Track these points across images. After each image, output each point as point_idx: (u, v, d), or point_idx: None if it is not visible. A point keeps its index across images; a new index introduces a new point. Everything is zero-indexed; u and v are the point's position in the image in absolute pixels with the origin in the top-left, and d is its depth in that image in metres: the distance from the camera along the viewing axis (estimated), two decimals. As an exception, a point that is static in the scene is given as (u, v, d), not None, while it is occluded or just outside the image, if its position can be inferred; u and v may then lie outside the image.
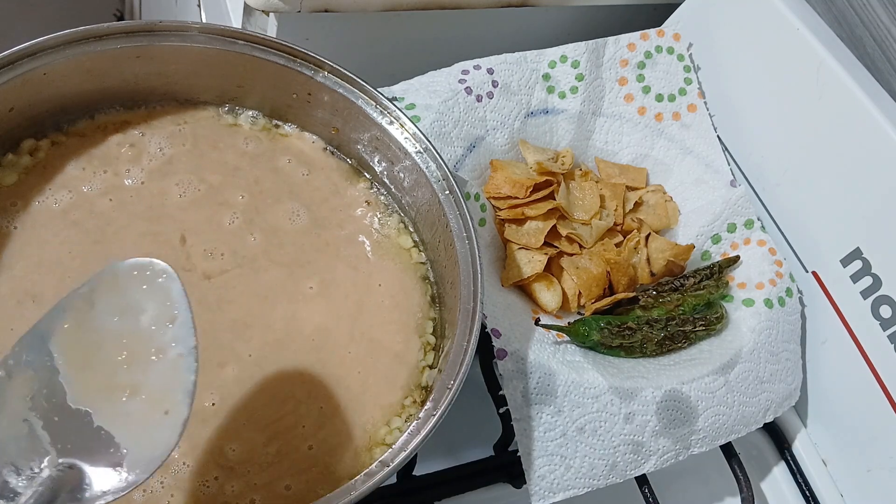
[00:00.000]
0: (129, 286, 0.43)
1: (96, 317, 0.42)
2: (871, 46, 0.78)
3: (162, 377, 0.42)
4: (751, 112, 0.82)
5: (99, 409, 0.41)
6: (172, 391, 0.41)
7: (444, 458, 0.67)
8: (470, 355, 0.51)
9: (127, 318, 0.43)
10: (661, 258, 0.77)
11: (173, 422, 0.41)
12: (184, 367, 0.42)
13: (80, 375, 0.41)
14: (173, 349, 0.42)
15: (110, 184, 0.58)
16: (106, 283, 0.43)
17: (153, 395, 0.42)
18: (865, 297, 0.72)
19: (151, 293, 0.43)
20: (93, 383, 0.41)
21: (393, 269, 0.62)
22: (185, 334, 0.42)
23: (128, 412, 0.41)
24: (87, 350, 0.42)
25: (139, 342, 0.42)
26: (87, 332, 0.42)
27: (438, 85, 0.74)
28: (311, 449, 0.53)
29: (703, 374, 0.69)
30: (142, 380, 0.42)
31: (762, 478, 0.81)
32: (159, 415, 0.41)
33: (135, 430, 0.41)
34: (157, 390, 0.42)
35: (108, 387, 0.41)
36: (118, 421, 0.41)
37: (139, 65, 0.58)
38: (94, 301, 0.43)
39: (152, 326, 0.42)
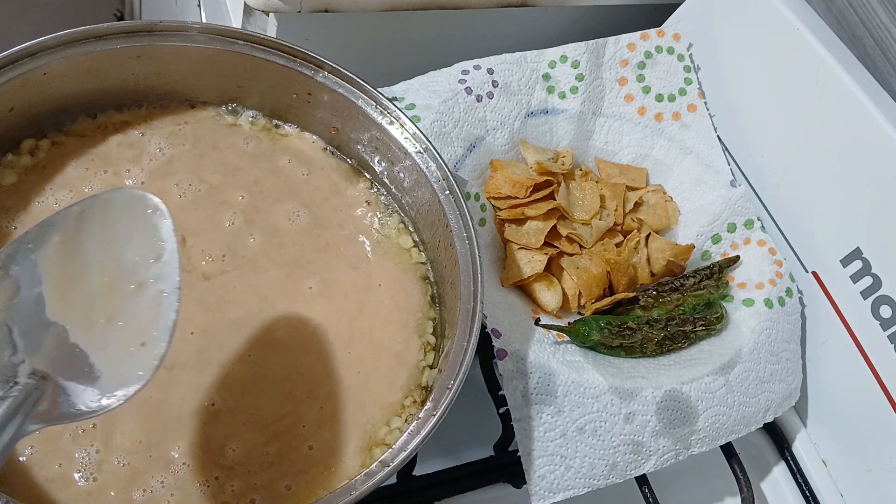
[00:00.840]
0: (121, 215, 0.43)
1: (83, 239, 0.42)
2: (871, 46, 0.78)
3: (141, 310, 0.41)
4: (751, 112, 0.82)
5: (75, 326, 0.41)
6: (151, 325, 0.41)
7: (444, 458, 0.67)
8: (470, 355, 0.52)
9: (113, 245, 0.42)
10: (661, 258, 0.77)
11: (149, 354, 0.40)
12: (165, 304, 0.41)
13: (60, 291, 0.41)
14: (154, 285, 0.42)
15: (111, 184, 0.58)
16: (98, 208, 0.43)
17: (131, 325, 0.41)
18: (865, 297, 0.72)
19: (141, 226, 0.42)
20: (72, 302, 0.41)
21: (393, 269, 0.62)
22: (170, 272, 0.42)
23: (104, 337, 0.41)
24: (70, 269, 0.42)
25: (121, 272, 0.42)
26: (72, 252, 0.42)
27: (438, 85, 0.74)
28: (311, 449, 0.53)
29: (703, 374, 0.69)
30: (120, 309, 0.41)
31: (762, 478, 0.81)
32: (135, 346, 0.41)
33: (110, 356, 0.41)
34: (136, 322, 0.41)
35: (86, 309, 0.41)
36: (94, 343, 0.41)
37: (139, 65, 0.58)
38: (83, 223, 0.42)
39: (136, 259, 0.42)
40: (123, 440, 0.50)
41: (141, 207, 0.43)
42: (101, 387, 0.40)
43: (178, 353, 0.54)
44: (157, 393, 0.52)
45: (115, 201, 0.43)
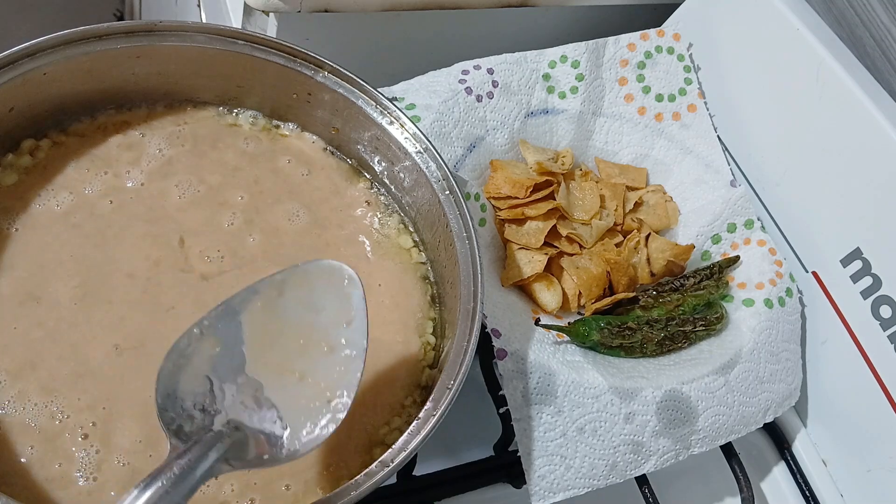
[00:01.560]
0: (317, 283, 0.48)
1: (284, 304, 0.47)
2: (871, 46, 0.78)
3: (330, 370, 0.46)
4: (751, 112, 0.82)
5: (270, 383, 0.45)
6: (338, 384, 0.46)
7: (444, 458, 0.67)
8: (470, 355, 0.51)
9: (309, 311, 0.47)
10: (661, 258, 0.77)
11: (333, 409, 0.45)
12: (352, 364, 0.46)
13: (259, 350, 0.45)
14: (343, 347, 0.46)
15: (110, 185, 0.58)
16: (298, 277, 0.48)
17: (319, 383, 0.46)
18: (865, 297, 0.72)
19: (335, 294, 0.47)
20: (268, 360, 0.46)
21: (393, 269, 0.62)
22: (359, 337, 0.47)
23: (294, 393, 0.45)
24: (270, 331, 0.46)
25: (315, 334, 0.47)
26: (273, 316, 0.46)
27: (438, 85, 0.74)
28: (311, 449, 0.53)
29: (703, 374, 0.69)
30: (311, 368, 0.46)
31: (762, 478, 0.81)
32: (322, 401, 0.45)
33: (297, 410, 0.45)
34: (324, 380, 0.46)
35: (281, 366, 0.46)
36: (285, 398, 0.45)
37: (139, 65, 0.58)
38: (285, 290, 0.47)
39: (330, 324, 0.47)
40: (123, 440, 0.50)
41: (337, 276, 0.48)
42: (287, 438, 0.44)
43: (179, 354, 0.54)
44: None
45: (315, 270, 0.48)
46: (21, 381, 0.50)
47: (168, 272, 0.56)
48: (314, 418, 0.45)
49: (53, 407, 0.50)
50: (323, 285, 0.47)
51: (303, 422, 0.45)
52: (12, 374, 0.50)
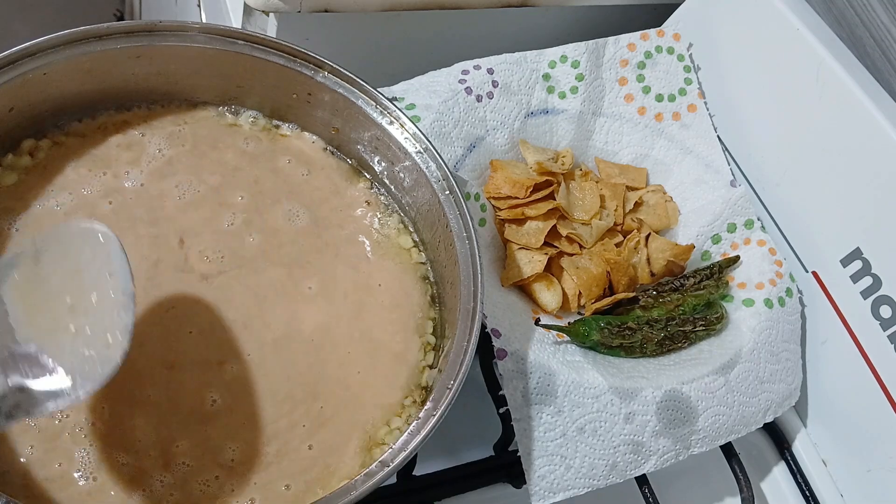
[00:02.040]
0: (73, 244, 0.48)
1: (43, 270, 0.48)
2: (871, 46, 0.78)
3: (103, 318, 0.46)
4: (751, 112, 0.82)
5: (45, 345, 0.45)
6: (112, 328, 0.46)
7: (444, 458, 0.67)
8: (470, 355, 0.52)
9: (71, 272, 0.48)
10: (661, 258, 0.77)
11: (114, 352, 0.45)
12: (123, 308, 0.46)
13: (27, 318, 0.46)
14: (112, 296, 0.47)
15: (110, 186, 0.58)
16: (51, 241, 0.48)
17: (95, 332, 0.46)
18: (865, 297, 0.72)
19: (93, 251, 0.48)
20: (39, 325, 0.46)
21: (393, 269, 0.62)
22: (124, 283, 0.47)
23: (73, 348, 0.46)
24: (34, 298, 0.47)
25: (82, 290, 0.47)
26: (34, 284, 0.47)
27: (438, 85, 0.74)
28: (311, 449, 0.53)
29: (703, 374, 0.69)
30: (85, 321, 0.46)
31: (762, 478, 0.81)
32: (101, 348, 0.46)
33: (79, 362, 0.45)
34: (99, 329, 0.46)
35: (53, 327, 0.46)
36: (64, 355, 0.45)
37: (139, 65, 0.58)
38: (41, 256, 0.48)
39: (94, 278, 0.47)
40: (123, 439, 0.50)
41: (91, 234, 0.48)
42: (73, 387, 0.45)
43: (177, 353, 0.54)
44: (157, 392, 0.52)
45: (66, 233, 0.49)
46: (21, 381, 0.50)
47: (168, 272, 0.56)
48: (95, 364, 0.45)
49: (53, 407, 0.50)
50: (78, 245, 0.48)
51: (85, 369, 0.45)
52: (12, 374, 0.50)
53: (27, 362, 0.45)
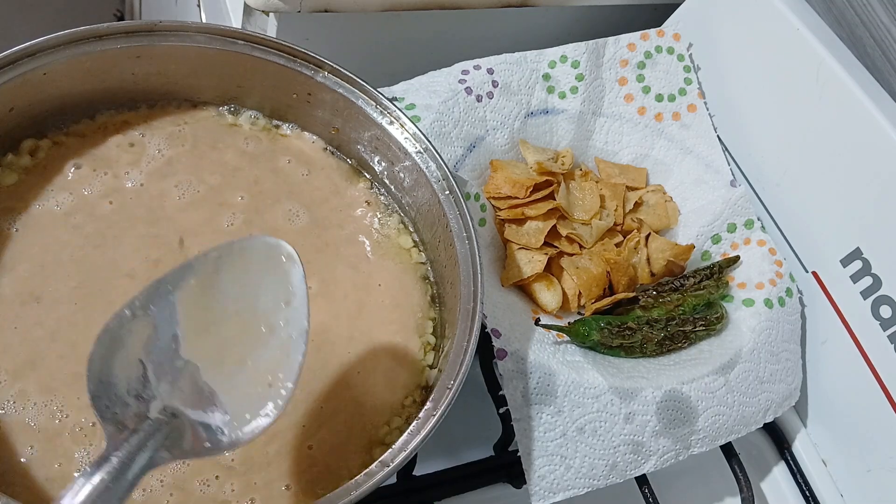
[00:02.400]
0: (255, 261, 0.45)
1: (220, 282, 0.44)
2: (871, 46, 0.78)
3: (270, 353, 0.44)
4: (751, 112, 0.82)
5: (207, 367, 0.42)
6: (279, 367, 0.43)
7: (444, 458, 0.67)
8: (470, 355, 0.51)
9: (247, 290, 0.45)
10: (661, 258, 0.77)
11: (275, 395, 0.43)
12: (293, 347, 0.44)
13: (194, 332, 0.43)
14: (283, 329, 0.44)
15: (110, 186, 0.58)
16: (234, 254, 0.45)
17: (259, 367, 0.43)
18: (865, 297, 0.72)
19: (273, 272, 0.45)
20: (205, 342, 0.43)
21: (393, 269, 0.62)
22: (299, 317, 0.44)
23: (233, 377, 0.43)
24: (205, 311, 0.44)
25: (254, 315, 0.44)
26: (209, 295, 0.44)
27: (438, 85, 0.74)
28: (310, 449, 0.53)
29: (703, 374, 0.69)
30: (250, 351, 0.44)
31: (762, 478, 0.81)
32: (263, 387, 0.43)
33: (237, 396, 0.42)
34: (264, 364, 0.43)
35: (218, 349, 0.43)
36: (223, 382, 0.42)
37: (139, 65, 0.58)
38: (221, 268, 0.44)
39: (269, 303, 0.44)
40: (123, 440, 0.50)
41: (275, 254, 0.45)
42: (228, 426, 0.42)
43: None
44: (158, 393, 0.52)
45: (251, 247, 0.45)
46: (21, 381, 0.50)
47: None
48: (256, 404, 0.43)
49: (53, 406, 0.50)
50: (260, 263, 0.45)
51: (244, 408, 0.42)
52: (12, 374, 0.50)
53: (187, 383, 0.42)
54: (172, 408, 0.41)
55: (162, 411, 0.41)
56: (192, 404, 0.42)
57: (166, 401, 0.41)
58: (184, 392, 0.42)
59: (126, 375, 0.41)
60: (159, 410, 0.41)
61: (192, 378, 0.42)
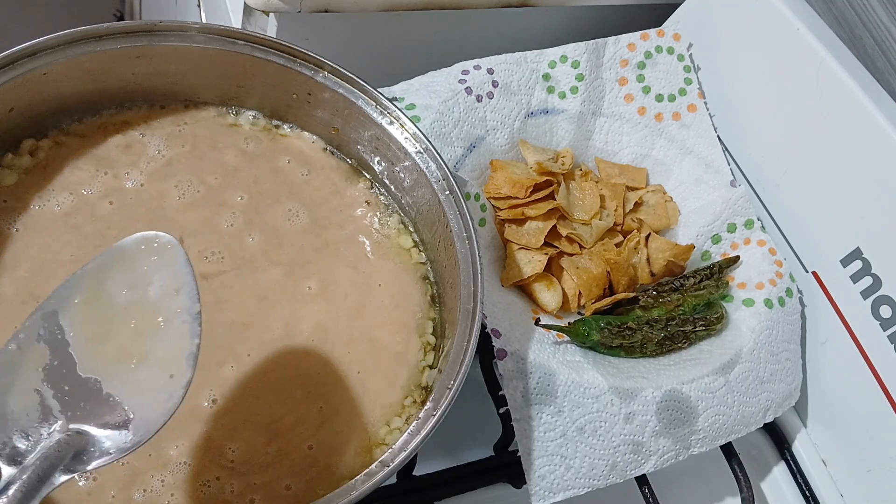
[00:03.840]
0: (137, 259, 0.45)
1: (106, 290, 0.44)
2: (871, 46, 0.78)
3: (168, 343, 0.44)
4: (751, 112, 0.82)
5: (108, 376, 0.43)
6: (177, 355, 0.43)
7: (444, 458, 0.67)
8: (470, 355, 0.51)
9: (136, 289, 0.44)
10: (661, 258, 0.77)
11: (177, 384, 0.43)
12: (188, 332, 0.44)
13: (90, 346, 0.43)
14: (178, 316, 0.44)
15: (110, 186, 0.58)
16: (115, 259, 0.45)
17: (160, 360, 0.43)
18: (865, 297, 0.72)
19: (158, 264, 0.45)
20: (103, 353, 0.43)
21: (393, 269, 0.62)
22: (190, 302, 0.44)
23: (136, 378, 0.43)
24: (98, 322, 0.44)
25: (147, 311, 0.44)
26: (98, 306, 0.44)
27: (438, 85, 0.74)
28: (311, 449, 0.53)
29: (703, 374, 0.69)
30: (149, 347, 0.44)
31: (762, 478, 0.81)
32: (165, 378, 0.43)
33: (142, 395, 0.43)
34: (164, 355, 0.43)
35: (117, 355, 0.43)
36: (127, 387, 0.43)
37: (139, 65, 0.58)
38: (104, 276, 0.44)
39: (159, 296, 0.44)
40: (123, 440, 0.50)
41: (155, 246, 0.45)
42: (133, 427, 0.42)
43: (178, 354, 0.54)
44: (157, 393, 0.52)
45: (130, 246, 0.45)
46: (21, 381, 0.50)
47: (168, 272, 0.56)
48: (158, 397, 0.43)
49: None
50: (143, 258, 0.45)
51: (148, 404, 0.42)
52: (12, 374, 0.50)
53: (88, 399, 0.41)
54: (77, 427, 0.41)
55: (66, 431, 0.41)
56: (96, 418, 0.42)
57: (71, 422, 0.41)
58: (87, 409, 0.42)
59: (24, 408, 0.41)
60: (63, 431, 0.41)
61: (95, 392, 0.42)
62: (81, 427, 0.41)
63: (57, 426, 0.41)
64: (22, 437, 0.40)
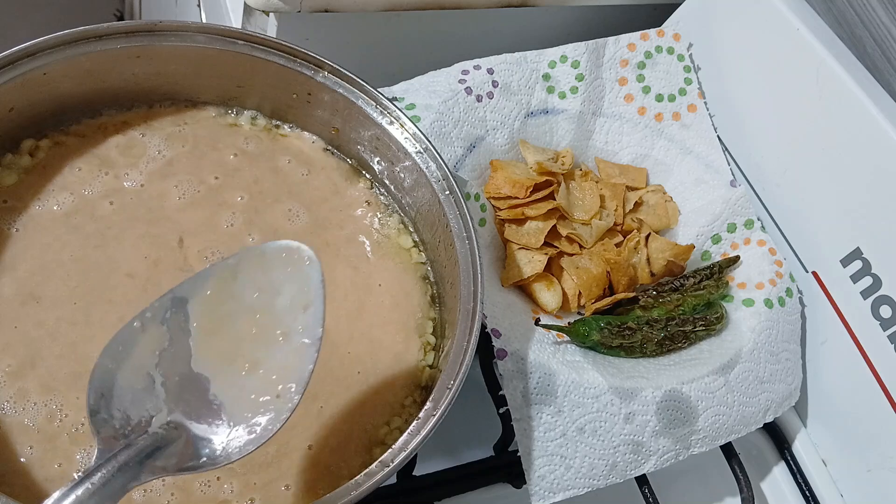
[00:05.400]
0: (274, 266, 0.44)
1: (237, 289, 0.43)
2: (871, 46, 0.78)
3: (283, 359, 0.43)
4: (751, 112, 0.82)
5: (217, 377, 0.42)
6: (289, 375, 0.42)
7: (444, 458, 0.67)
8: (470, 355, 0.51)
9: (264, 295, 0.44)
10: (661, 258, 0.77)
11: (281, 407, 0.42)
12: (306, 355, 0.43)
13: (207, 341, 0.42)
14: (299, 335, 0.43)
15: (110, 186, 0.58)
16: (253, 259, 0.44)
17: (270, 374, 0.42)
18: (865, 297, 0.72)
19: (292, 277, 0.44)
20: (218, 350, 0.42)
21: (393, 269, 0.62)
22: (314, 324, 0.43)
23: (243, 386, 0.42)
24: (221, 318, 0.43)
25: (270, 321, 0.43)
26: (225, 302, 0.43)
27: (438, 85, 0.74)
28: (310, 449, 0.53)
29: (703, 374, 0.69)
30: (263, 357, 0.43)
31: (762, 478, 0.81)
32: (271, 396, 0.42)
33: (244, 407, 0.41)
34: (276, 371, 0.42)
35: (231, 357, 0.42)
36: (232, 393, 0.41)
37: (139, 65, 0.58)
38: (238, 274, 0.44)
39: (286, 309, 0.43)
40: (123, 440, 0.50)
41: (296, 257, 0.44)
42: (229, 438, 0.41)
43: (178, 354, 0.54)
44: (158, 393, 0.52)
45: (271, 251, 0.44)
46: (21, 380, 0.50)
47: (167, 272, 0.56)
48: (259, 416, 0.42)
49: (52, 406, 0.50)
50: (280, 267, 0.44)
51: (247, 419, 0.41)
52: (12, 373, 0.50)
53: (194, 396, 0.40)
54: (176, 422, 0.40)
55: (165, 425, 0.40)
56: (197, 417, 0.41)
57: (172, 414, 0.40)
58: (190, 405, 0.41)
59: (131, 387, 0.40)
60: (162, 424, 0.40)
61: (202, 391, 0.41)
62: (181, 422, 0.40)
63: (157, 417, 0.40)
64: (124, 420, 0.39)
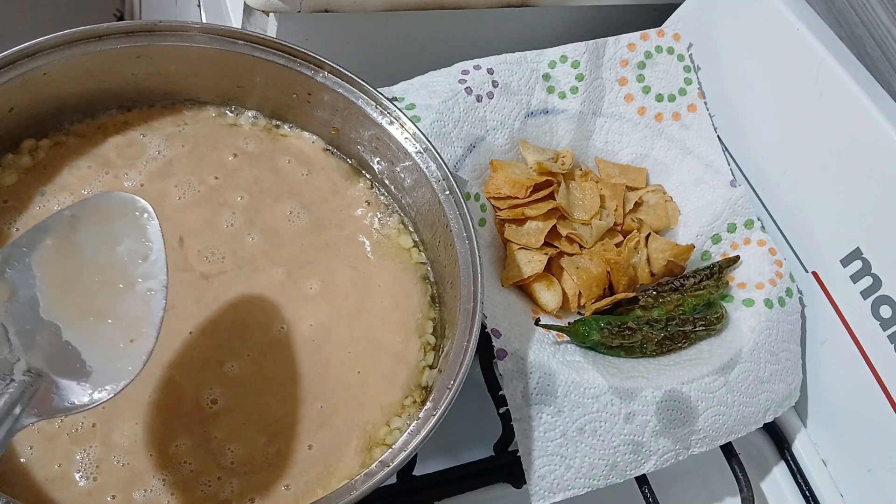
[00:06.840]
0: (111, 217, 0.45)
1: (78, 240, 0.45)
2: (871, 46, 0.78)
3: (130, 307, 0.44)
4: (751, 112, 0.82)
5: (68, 324, 0.43)
6: (140, 322, 0.44)
7: (444, 458, 0.67)
8: (470, 355, 0.52)
9: (105, 246, 0.45)
10: (661, 258, 0.77)
11: (138, 350, 0.43)
12: (153, 301, 0.44)
13: (53, 291, 0.44)
14: (142, 284, 0.44)
15: (110, 186, 0.58)
16: (89, 211, 0.45)
17: (120, 322, 0.44)
18: (865, 297, 0.72)
19: (130, 228, 0.45)
20: (66, 301, 0.44)
21: (393, 269, 0.62)
22: (157, 271, 0.45)
23: (95, 333, 0.43)
24: (64, 269, 0.44)
25: (112, 271, 0.45)
26: (66, 253, 0.44)
27: (438, 85, 0.74)
28: (311, 449, 0.53)
29: (703, 374, 0.69)
30: (111, 307, 0.44)
31: (762, 478, 0.81)
32: (125, 342, 0.43)
33: (100, 352, 0.43)
34: (125, 319, 0.44)
35: (78, 307, 0.44)
36: (85, 339, 0.43)
37: (139, 65, 0.58)
38: (77, 226, 0.45)
39: (126, 258, 0.45)
40: (122, 440, 0.50)
41: (130, 210, 0.45)
42: (92, 382, 0.42)
43: (178, 353, 0.54)
44: (157, 393, 0.52)
45: (106, 204, 0.46)
46: (21, 381, 0.50)
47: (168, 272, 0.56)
48: (117, 360, 0.43)
49: (53, 407, 0.50)
50: (117, 219, 0.45)
51: (107, 364, 0.43)
52: (12, 374, 0.50)
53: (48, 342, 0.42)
54: (37, 368, 0.42)
55: (26, 372, 0.41)
56: (55, 363, 0.42)
57: (30, 361, 0.42)
58: (46, 351, 0.42)
59: None
60: (23, 371, 0.41)
61: (54, 337, 0.43)
62: (41, 369, 0.42)
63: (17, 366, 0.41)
64: None
